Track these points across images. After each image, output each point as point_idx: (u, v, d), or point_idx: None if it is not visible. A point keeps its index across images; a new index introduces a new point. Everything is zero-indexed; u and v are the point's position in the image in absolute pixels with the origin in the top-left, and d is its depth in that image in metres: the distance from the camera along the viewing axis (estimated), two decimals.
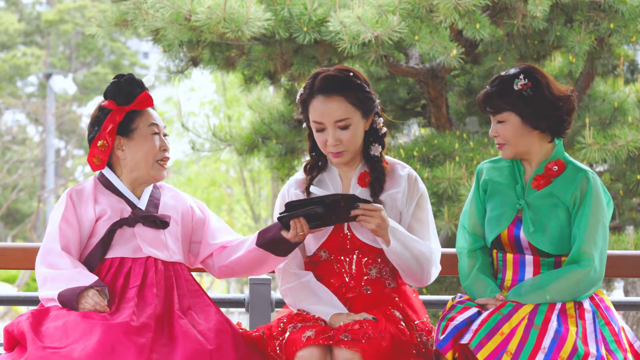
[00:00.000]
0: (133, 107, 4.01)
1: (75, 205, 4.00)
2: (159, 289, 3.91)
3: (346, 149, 3.97)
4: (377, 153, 4.02)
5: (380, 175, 4.01)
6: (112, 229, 3.97)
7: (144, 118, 4.03)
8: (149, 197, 4.07)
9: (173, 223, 4.06)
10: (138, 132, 4.01)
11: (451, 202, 7.18)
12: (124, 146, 4.02)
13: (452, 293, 7.51)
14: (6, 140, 25.48)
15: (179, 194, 4.18)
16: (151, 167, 4.03)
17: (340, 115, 3.95)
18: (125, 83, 4.01)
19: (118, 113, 4.00)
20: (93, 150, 4.02)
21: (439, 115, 7.86)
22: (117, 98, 4.00)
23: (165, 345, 3.76)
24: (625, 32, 7.06)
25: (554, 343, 3.67)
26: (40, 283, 3.92)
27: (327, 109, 3.95)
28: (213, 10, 6.76)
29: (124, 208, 4.01)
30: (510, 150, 3.96)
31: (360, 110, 3.97)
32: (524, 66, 3.95)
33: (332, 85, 3.95)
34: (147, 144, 4.01)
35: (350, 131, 3.96)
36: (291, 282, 4.02)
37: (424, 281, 4.00)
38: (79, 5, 28.22)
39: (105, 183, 4.05)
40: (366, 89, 3.99)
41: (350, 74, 3.97)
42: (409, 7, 6.79)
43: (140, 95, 4.01)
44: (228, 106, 20.97)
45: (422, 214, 4.04)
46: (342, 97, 3.95)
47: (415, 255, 3.93)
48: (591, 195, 3.89)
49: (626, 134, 7.12)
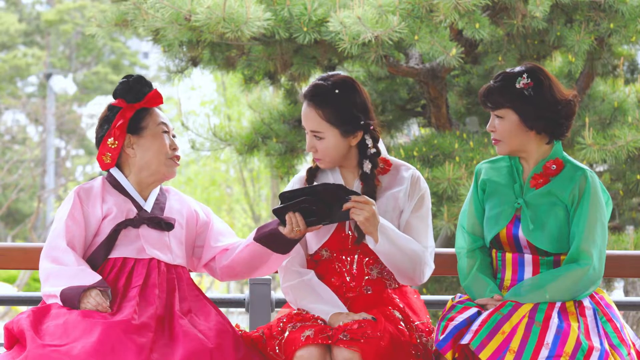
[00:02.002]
0: (143, 104, 4.03)
1: (82, 203, 4.01)
2: (161, 290, 3.91)
3: (322, 157, 3.99)
4: (367, 170, 4.02)
5: (371, 192, 3.99)
6: (116, 229, 3.98)
7: (153, 117, 4.05)
8: (155, 200, 4.08)
9: (178, 226, 4.07)
10: (148, 130, 4.03)
11: (451, 202, 7.18)
12: (134, 144, 4.03)
13: (452, 293, 7.52)
14: (6, 140, 25.48)
15: (184, 198, 4.19)
16: (162, 165, 4.04)
17: (314, 126, 3.97)
18: (135, 82, 4.04)
19: (128, 110, 4.02)
20: (103, 149, 4.03)
21: (439, 115, 7.86)
22: (127, 96, 4.02)
23: (166, 344, 3.76)
24: (625, 32, 7.06)
25: (557, 338, 3.67)
26: (43, 278, 3.92)
27: (305, 115, 3.99)
28: (213, 10, 6.76)
29: (130, 208, 4.02)
30: (505, 148, 3.97)
31: (337, 128, 3.95)
32: (530, 65, 3.95)
33: (314, 95, 3.96)
34: (158, 142, 4.03)
35: (324, 143, 3.97)
36: (293, 280, 4.03)
37: (416, 280, 3.99)
38: (79, 5, 28.22)
39: (113, 183, 4.06)
40: (350, 109, 3.96)
41: (336, 90, 3.95)
42: (408, 7, 6.78)
43: (150, 93, 4.04)
44: (228, 106, 20.97)
45: (421, 211, 4.04)
46: (318, 111, 3.95)
47: (407, 255, 3.92)
48: (589, 193, 3.90)
49: (626, 134, 7.12)
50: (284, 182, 8.51)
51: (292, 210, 3.88)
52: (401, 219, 4.03)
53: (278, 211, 3.90)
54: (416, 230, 4.02)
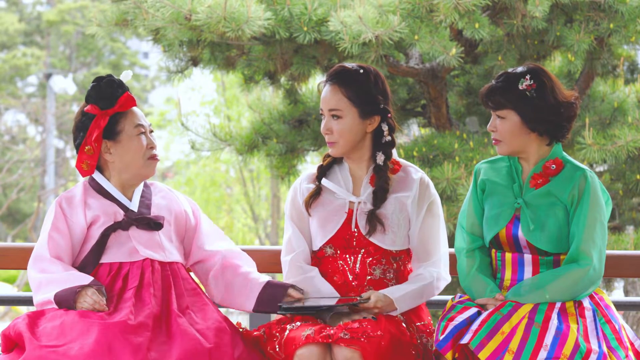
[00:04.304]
0: (116, 109, 3.98)
1: (65, 213, 3.99)
2: (156, 288, 3.91)
3: (336, 140, 4.00)
4: (381, 162, 4.03)
5: (384, 184, 4.01)
6: (105, 233, 3.96)
7: (129, 119, 4.00)
8: (140, 197, 4.06)
9: (166, 224, 4.05)
10: (124, 134, 3.99)
11: (450, 201, 7.18)
12: (111, 149, 4.00)
13: (452, 293, 7.51)
14: (6, 140, 25.48)
15: (170, 193, 4.16)
16: (142, 166, 4.02)
17: (333, 104, 3.99)
18: (106, 85, 3.97)
19: (102, 117, 3.96)
20: (81, 156, 3.99)
21: (439, 115, 7.86)
22: (100, 102, 3.96)
23: (164, 343, 3.76)
24: (625, 32, 7.06)
25: (555, 340, 3.67)
26: (35, 287, 3.92)
27: (326, 96, 4.01)
28: (213, 9, 6.76)
29: (116, 211, 4.00)
30: (505, 148, 3.97)
31: (356, 107, 3.98)
32: (533, 66, 3.94)
33: (338, 75, 4.01)
34: (135, 145, 3.99)
35: (342, 124, 3.98)
36: (296, 276, 4.03)
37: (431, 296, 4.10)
38: (79, 6, 28.21)
39: (95, 187, 4.03)
40: (372, 89, 4.00)
41: (361, 70, 4.01)
42: (409, 7, 6.79)
43: (122, 96, 3.97)
44: (228, 106, 20.96)
45: (433, 221, 4.06)
46: (341, 89, 3.99)
47: (423, 295, 4.01)
48: (589, 193, 3.90)
49: (626, 134, 7.12)
50: (284, 182, 8.49)
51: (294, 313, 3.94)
52: (411, 230, 4.05)
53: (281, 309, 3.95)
54: (426, 243, 4.05)
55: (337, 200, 4.07)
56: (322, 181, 4.08)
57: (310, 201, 4.08)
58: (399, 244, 4.04)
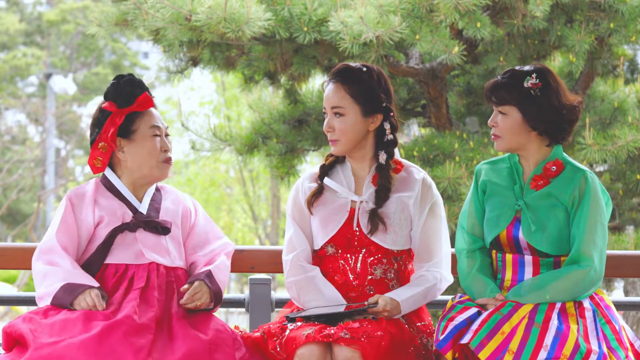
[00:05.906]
0: (133, 108, 3.99)
1: (74, 209, 4.00)
2: (160, 292, 3.91)
3: (338, 138, 4.00)
4: (383, 161, 4.03)
5: (386, 183, 4.02)
6: (112, 234, 3.96)
7: (145, 120, 4.01)
8: (150, 200, 4.06)
9: (174, 228, 4.06)
10: (138, 133, 4.00)
11: (451, 201, 7.18)
12: (125, 147, 4.01)
13: (452, 293, 7.51)
14: (6, 140, 25.47)
15: (180, 197, 4.17)
16: (154, 168, 4.02)
17: (336, 102, 4.00)
18: (125, 84, 3.99)
19: (118, 115, 3.98)
20: (94, 152, 4.00)
21: (439, 115, 7.86)
22: (117, 100, 3.98)
23: (165, 344, 3.76)
24: (625, 32, 7.06)
25: (555, 341, 3.67)
26: (39, 279, 3.91)
27: (329, 94, 4.03)
28: (213, 10, 6.76)
29: (125, 212, 4.00)
30: (503, 144, 3.97)
31: (359, 105, 3.99)
32: (539, 66, 3.95)
33: (341, 73, 4.02)
34: (148, 146, 4.00)
35: (344, 121, 3.99)
36: (297, 275, 4.04)
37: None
38: (80, 6, 28.21)
39: (107, 185, 4.04)
40: (375, 87, 4.01)
41: (364, 69, 4.02)
42: (409, 7, 6.79)
43: (141, 96, 3.99)
44: (228, 106, 20.96)
45: (435, 222, 4.06)
46: (344, 86, 4.00)
47: (426, 295, 4.02)
48: (589, 195, 3.90)
49: (626, 134, 7.12)
50: (284, 182, 8.49)
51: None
52: (413, 230, 4.05)
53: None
54: (428, 243, 4.05)
55: (339, 200, 4.07)
56: (324, 180, 4.08)
57: (312, 200, 4.08)
58: (400, 244, 4.04)
